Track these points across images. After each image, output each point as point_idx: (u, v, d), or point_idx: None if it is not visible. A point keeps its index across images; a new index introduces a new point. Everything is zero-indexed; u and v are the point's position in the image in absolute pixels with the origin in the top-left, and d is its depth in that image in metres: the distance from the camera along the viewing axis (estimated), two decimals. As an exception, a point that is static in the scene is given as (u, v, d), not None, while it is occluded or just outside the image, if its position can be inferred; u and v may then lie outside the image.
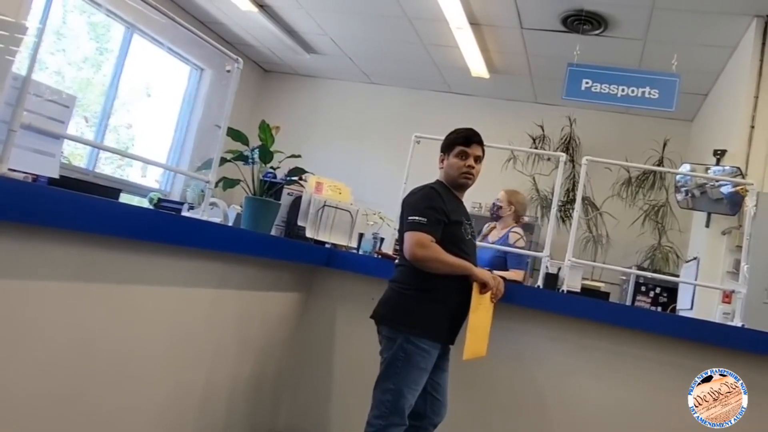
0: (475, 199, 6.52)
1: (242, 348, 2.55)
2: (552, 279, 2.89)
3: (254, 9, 5.86)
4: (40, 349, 1.61)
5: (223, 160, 2.63)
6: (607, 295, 3.07)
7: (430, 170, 2.50)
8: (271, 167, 2.96)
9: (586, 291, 2.84)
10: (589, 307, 2.60)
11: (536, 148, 6.61)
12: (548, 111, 6.77)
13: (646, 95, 4.54)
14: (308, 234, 2.86)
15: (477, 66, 6.24)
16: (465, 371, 2.44)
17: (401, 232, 2.29)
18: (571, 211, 5.98)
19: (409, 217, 2.21)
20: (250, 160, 2.77)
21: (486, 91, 7.00)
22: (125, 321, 1.88)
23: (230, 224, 3.04)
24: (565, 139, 6.63)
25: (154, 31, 6.08)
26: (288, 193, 3.01)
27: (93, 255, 1.72)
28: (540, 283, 2.89)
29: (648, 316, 2.90)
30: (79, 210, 1.58)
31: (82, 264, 1.70)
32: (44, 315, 1.61)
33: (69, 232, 1.62)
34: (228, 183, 2.74)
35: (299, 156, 3.01)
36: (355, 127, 7.48)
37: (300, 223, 2.89)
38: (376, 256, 3.12)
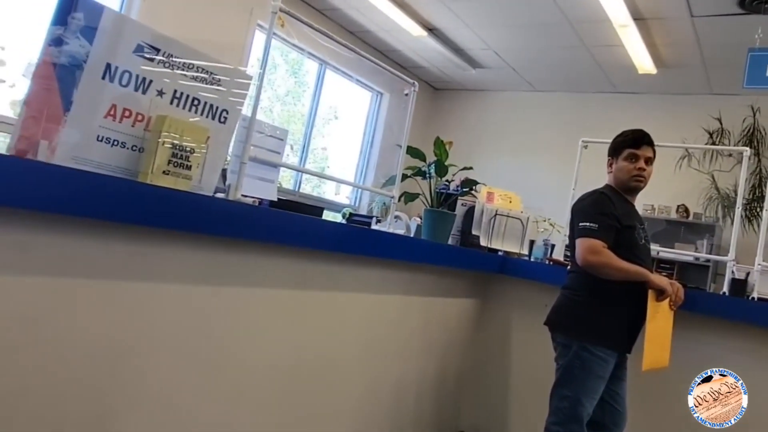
0: (647, 201, 5.98)
1: (426, 350, 2.59)
2: (739, 285, 2.55)
3: (424, 33, 6.02)
4: (264, 348, 1.78)
5: (403, 176, 2.72)
6: (808, 303, 2.62)
7: (598, 175, 2.35)
8: (446, 180, 3.01)
9: (781, 299, 2.46)
10: (787, 317, 2.24)
11: (714, 143, 5.83)
12: (726, 102, 5.94)
13: None
14: (482, 242, 2.85)
15: (644, 62, 5.71)
16: (644, 382, 2.24)
17: (572, 238, 2.18)
18: (758, 209, 5.20)
19: (580, 224, 2.08)
20: (428, 175, 2.85)
21: (654, 87, 6.38)
22: (329, 325, 2.02)
23: (412, 235, 3.16)
24: (748, 131, 5.76)
25: (342, 64, 6.54)
26: (462, 204, 3.03)
27: (304, 266, 1.88)
28: (725, 289, 2.56)
29: None
30: (296, 228, 1.75)
31: (297, 274, 1.86)
32: (268, 319, 1.78)
33: (286, 247, 1.79)
34: (409, 197, 2.84)
35: (471, 168, 3.02)
36: (521, 135, 7.27)
37: (474, 232, 2.89)
38: (547, 262, 3.02)
